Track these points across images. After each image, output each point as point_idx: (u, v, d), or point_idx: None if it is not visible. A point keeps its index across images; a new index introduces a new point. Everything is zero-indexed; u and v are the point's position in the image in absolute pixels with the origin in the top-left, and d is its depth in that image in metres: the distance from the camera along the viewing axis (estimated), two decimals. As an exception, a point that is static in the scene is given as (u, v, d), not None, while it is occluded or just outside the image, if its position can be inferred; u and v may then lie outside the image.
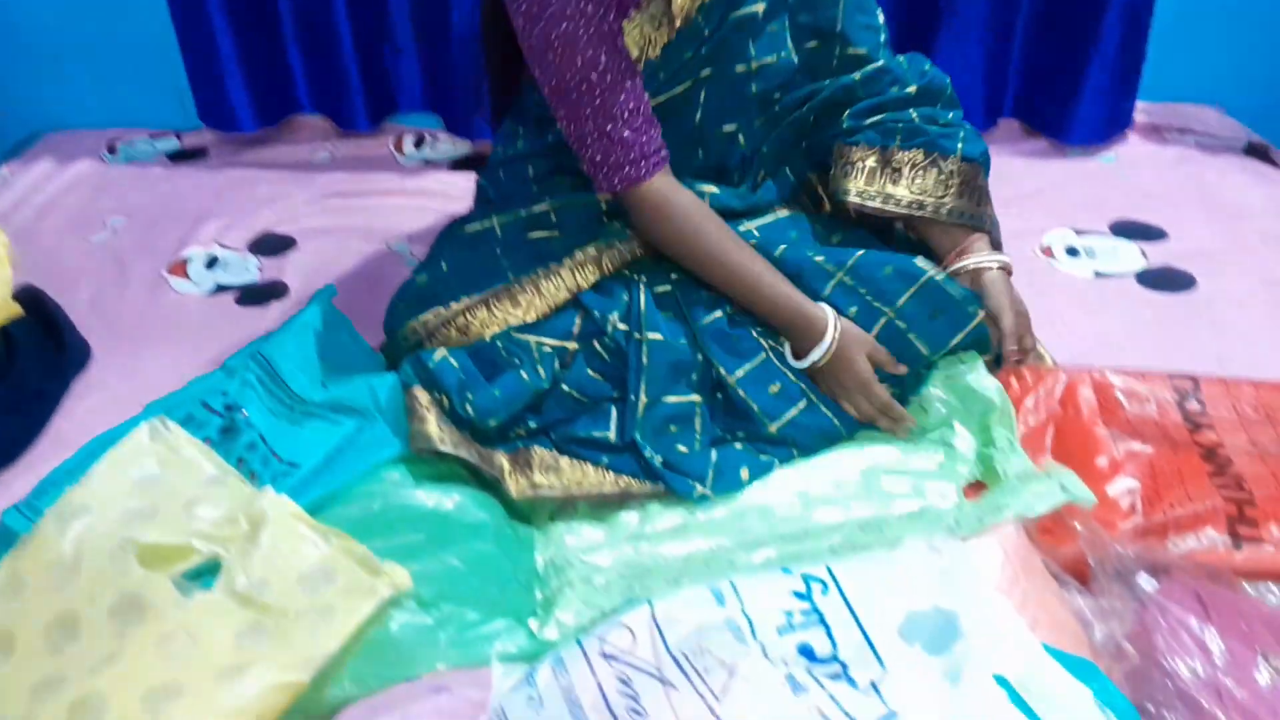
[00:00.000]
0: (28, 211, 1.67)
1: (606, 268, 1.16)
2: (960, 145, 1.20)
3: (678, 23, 1.12)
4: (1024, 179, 1.67)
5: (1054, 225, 1.54)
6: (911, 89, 1.22)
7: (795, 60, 1.20)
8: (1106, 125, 1.73)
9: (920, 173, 1.20)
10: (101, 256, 1.56)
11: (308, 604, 0.85)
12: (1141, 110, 1.80)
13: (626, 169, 1.09)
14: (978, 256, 1.18)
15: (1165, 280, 1.42)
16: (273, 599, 0.85)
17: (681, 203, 1.12)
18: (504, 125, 1.34)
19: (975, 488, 1.07)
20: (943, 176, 1.19)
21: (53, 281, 1.45)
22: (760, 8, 1.16)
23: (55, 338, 1.30)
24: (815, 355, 1.11)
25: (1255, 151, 1.73)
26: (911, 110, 1.21)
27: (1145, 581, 0.84)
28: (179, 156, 1.85)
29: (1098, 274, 1.43)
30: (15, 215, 1.66)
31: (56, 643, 0.84)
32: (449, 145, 1.85)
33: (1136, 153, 1.75)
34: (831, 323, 1.11)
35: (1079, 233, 1.53)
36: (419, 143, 1.84)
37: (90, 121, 1.92)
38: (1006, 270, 1.19)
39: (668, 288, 1.16)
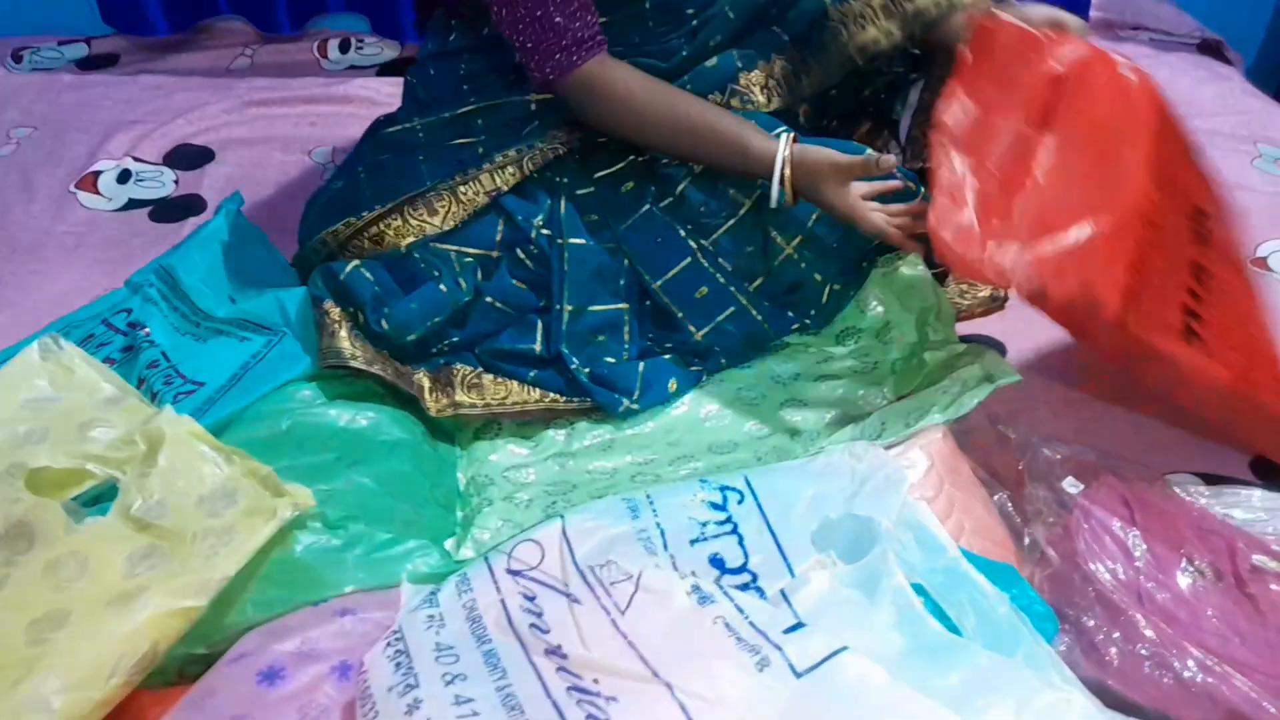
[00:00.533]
0: (-77, 124, 1.58)
1: (527, 168, 1.09)
2: None
3: None
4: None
5: (1001, 126, 1.49)
6: None
7: None
8: (1059, 20, 1.67)
9: None
10: (4, 169, 1.48)
11: (206, 527, 0.81)
12: (1096, 5, 1.74)
13: (558, 55, 1.03)
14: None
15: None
16: (169, 522, 0.81)
17: (617, 79, 1.04)
18: (435, 18, 1.26)
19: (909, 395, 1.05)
20: None
21: (-49, 197, 1.39)
22: None
23: (-49, 256, 1.23)
24: (773, 195, 1.02)
25: (1208, 49, 1.68)
26: None
27: (1070, 485, 0.82)
28: (89, 64, 1.75)
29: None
30: (-89, 128, 1.56)
31: (-59, 573, 0.80)
32: (376, 49, 1.76)
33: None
34: (779, 156, 1.00)
35: (1026, 133, 1.48)
36: (344, 46, 1.76)
37: (-9, 28, 1.81)
38: None
39: (590, 189, 1.10)
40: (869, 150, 1.03)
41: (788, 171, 1.00)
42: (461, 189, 1.09)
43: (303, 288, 1.07)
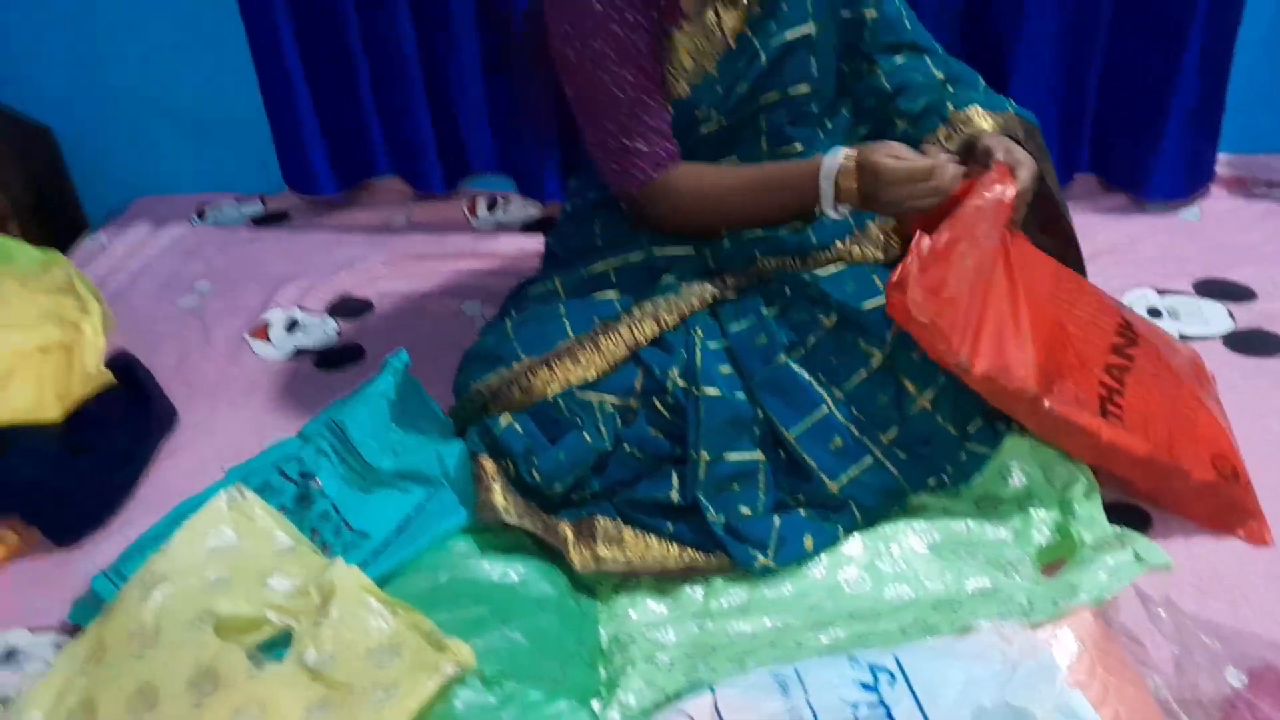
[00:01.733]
0: (123, 276, 1.75)
1: (664, 322, 1.17)
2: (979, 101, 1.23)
3: (730, 38, 1.18)
4: (1102, 236, 1.63)
5: (1135, 284, 1.50)
6: (939, 75, 1.25)
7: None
8: (1187, 179, 1.68)
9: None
10: (188, 320, 1.62)
11: (374, 680, 0.86)
12: (1224, 163, 1.74)
13: (638, 175, 1.17)
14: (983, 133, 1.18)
15: (1255, 343, 1.37)
16: (340, 674, 0.87)
17: (684, 173, 1.18)
18: (572, 183, 1.37)
19: (1054, 565, 1.04)
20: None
21: (142, 345, 1.52)
22: (811, 29, 1.19)
23: (145, 403, 1.35)
24: (825, 195, 1.12)
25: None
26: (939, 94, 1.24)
27: (1233, 676, 0.80)
28: (263, 220, 1.92)
29: (1182, 336, 1.39)
30: (112, 279, 1.74)
31: (137, 712, 0.86)
32: (520, 208, 1.88)
33: (1220, 207, 1.70)
34: (827, 159, 1.12)
35: (1161, 292, 1.48)
36: (491, 205, 1.88)
37: (182, 186, 2.01)
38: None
39: (724, 342, 1.16)
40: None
41: (850, 164, 1.10)
42: (602, 340, 1.16)
43: (459, 441, 1.14)
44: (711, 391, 1.10)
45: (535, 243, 1.73)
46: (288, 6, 1.71)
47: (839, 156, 1.12)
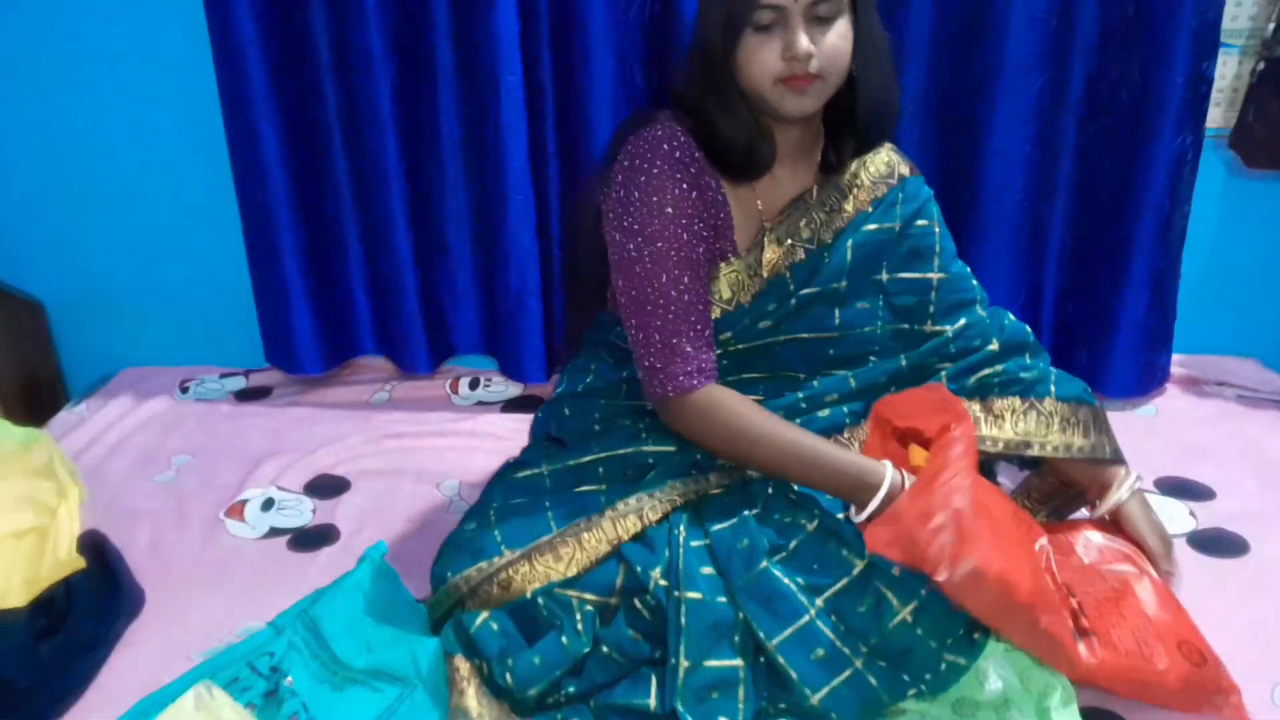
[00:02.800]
0: (99, 450, 1.74)
1: (647, 519, 1.18)
2: (1053, 387, 1.30)
3: (766, 274, 1.24)
4: (1064, 432, 1.68)
5: (1098, 482, 1.54)
6: (994, 346, 1.32)
7: (888, 331, 1.32)
8: (1142, 380, 1.76)
9: (1020, 417, 1.28)
10: (163, 497, 1.61)
11: None
12: (1179, 363, 1.83)
13: (680, 378, 1.19)
14: (1116, 493, 1.27)
15: (1217, 544, 1.40)
16: None
17: (726, 401, 1.20)
18: (575, 361, 1.40)
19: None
20: (1042, 418, 1.28)
21: (116, 521, 1.51)
22: (842, 284, 1.28)
23: (113, 585, 1.33)
24: (871, 507, 1.14)
25: (1295, 405, 1.74)
26: (999, 364, 1.31)
27: None
28: (245, 395, 1.94)
29: (1146, 535, 1.42)
30: (87, 454, 1.73)
31: None
32: (502, 386, 1.92)
33: (1176, 406, 1.77)
34: (887, 477, 1.14)
35: (1129, 490, 1.52)
36: (474, 384, 1.92)
37: (168, 359, 2.04)
38: (1140, 497, 1.28)
39: (705, 541, 1.16)
40: None
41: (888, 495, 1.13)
42: (585, 535, 1.17)
43: (434, 639, 1.13)
44: (693, 595, 1.11)
45: (516, 421, 1.76)
46: (282, 191, 1.78)
47: (887, 481, 1.15)
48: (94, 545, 1.39)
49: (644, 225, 1.16)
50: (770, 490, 1.20)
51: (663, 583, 1.13)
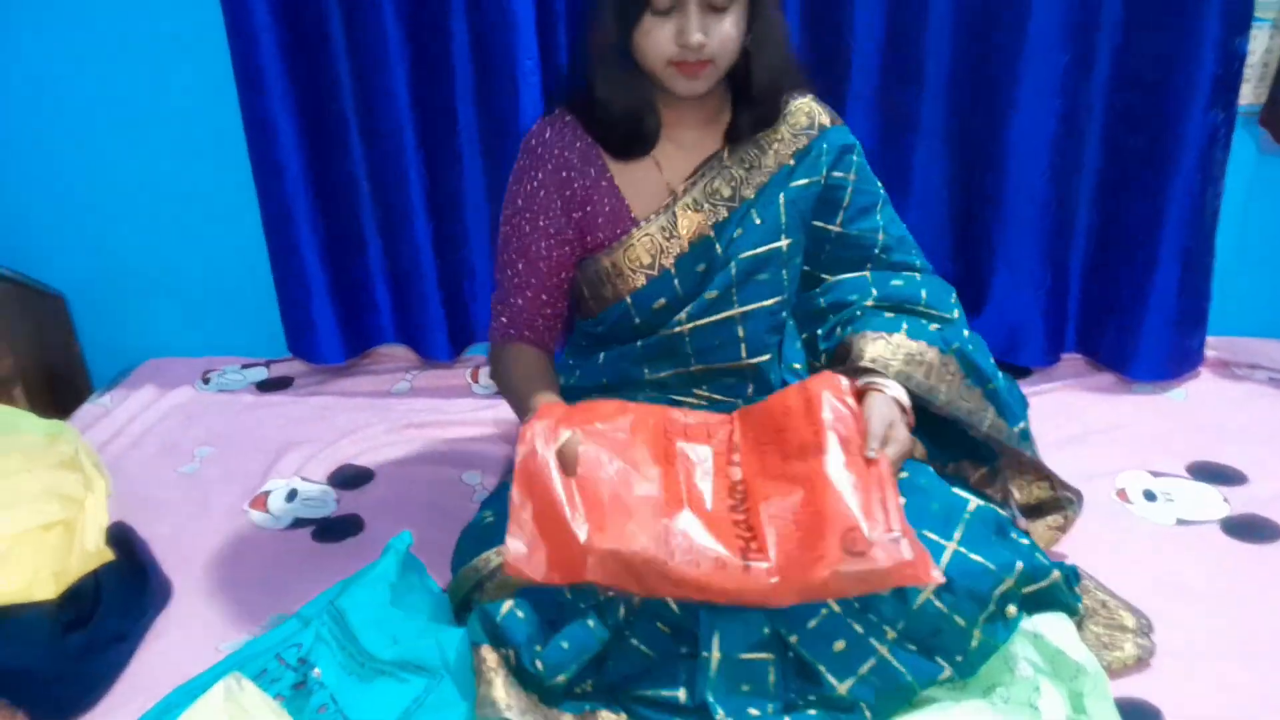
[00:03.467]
0: (124, 441, 1.75)
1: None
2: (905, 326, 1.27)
3: (686, 238, 1.26)
4: (1092, 415, 1.67)
5: (1128, 466, 1.52)
6: (868, 304, 1.31)
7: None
8: (1174, 362, 1.73)
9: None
10: (187, 488, 1.62)
11: None
12: (1210, 345, 1.80)
13: (494, 328, 1.36)
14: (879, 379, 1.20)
15: (1251, 530, 1.38)
16: None
17: (509, 355, 1.34)
18: (559, 359, 1.40)
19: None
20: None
21: (140, 513, 1.51)
22: (784, 243, 1.28)
23: (140, 577, 1.34)
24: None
25: (1329, 385, 1.71)
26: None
27: None
28: (267, 386, 1.94)
29: (1180, 520, 1.40)
30: (112, 445, 1.74)
31: None
32: (523, 375, 1.91)
33: (1207, 389, 1.74)
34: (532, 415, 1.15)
35: (1155, 475, 1.50)
36: (494, 373, 1.91)
37: (188, 349, 2.04)
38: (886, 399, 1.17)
39: None
40: None
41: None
42: None
43: (460, 629, 1.12)
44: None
45: (536, 412, 1.74)
46: (300, 181, 1.78)
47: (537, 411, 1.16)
48: (121, 537, 1.39)
49: (505, 207, 1.30)
50: None
51: None
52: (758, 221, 1.27)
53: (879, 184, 1.35)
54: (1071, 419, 1.65)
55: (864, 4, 1.61)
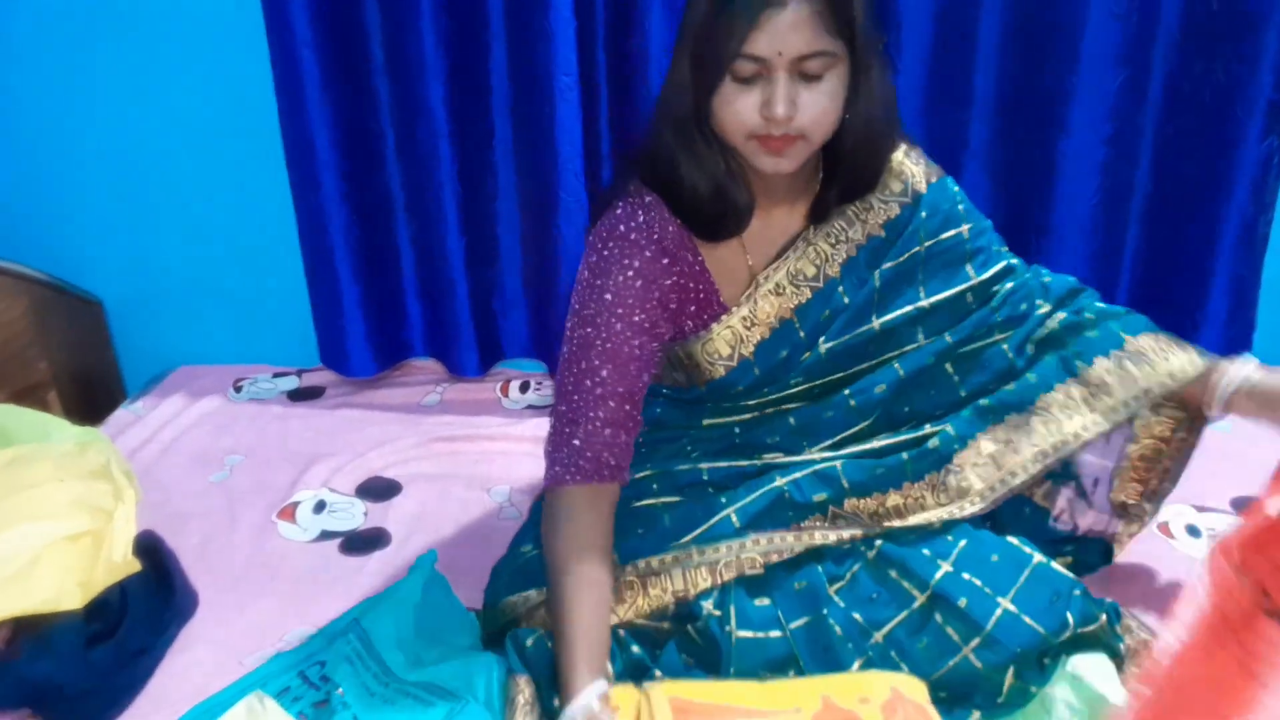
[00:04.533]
0: (155, 448, 1.75)
1: (721, 576, 1.11)
2: (1119, 328, 1.22)
3: (768, 323, 1.17)
4: (1134, 447, 1.62)
5: (1172, 499, 1.46)
6: (1044, 306, 1.25)
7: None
8: (1219, 395, 1.68)
9: (1117, 374, 1.21)
10: (216, 497, 1.61)
11: None
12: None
13: (555, 468, 1.12)
14: (1227, 378, 1.18)
15: (1297, 568, 1.33)
16: None
17: (572, 511, 1.10)
18: None
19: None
20: (1132, 361, 1.20)
21: (169, 521, 1.51)
22: (878, 323, 1.18)
23: (167, 588, 1.33)
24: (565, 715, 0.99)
25: None
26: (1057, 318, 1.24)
27: None
28: (297, 395, 1.94)
29: (1223, 557, 1.36)
30: (143, 451, 1.74)
31: None
32: (552, 389, 1.90)
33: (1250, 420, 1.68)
34: (581, 702, 0.98)
35: (1199, 509, 1.46)
36: (524, 387, 1.90)
37: (221, 357, 2.04)
38: (1254, 364, 1.17)
39: (760, 573, 1.12)
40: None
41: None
42: (651, 582, 1.11)
43: (487, 654, 1.10)
44: (745, 634, 1.07)
45: (566, 430, 1.73)
46: (336, 194, 1.77)
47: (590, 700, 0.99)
48: (149, 547, 1.39)
49: (582, 306, 1.11)
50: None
51: (715, 613, 1.09)
52: (845, 302, 1.17)
53: (984, 220, 1.26)
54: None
55: (910, 22, 1.58)
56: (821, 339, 1.18)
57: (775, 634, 1.08)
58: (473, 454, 1.71)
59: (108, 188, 1.94)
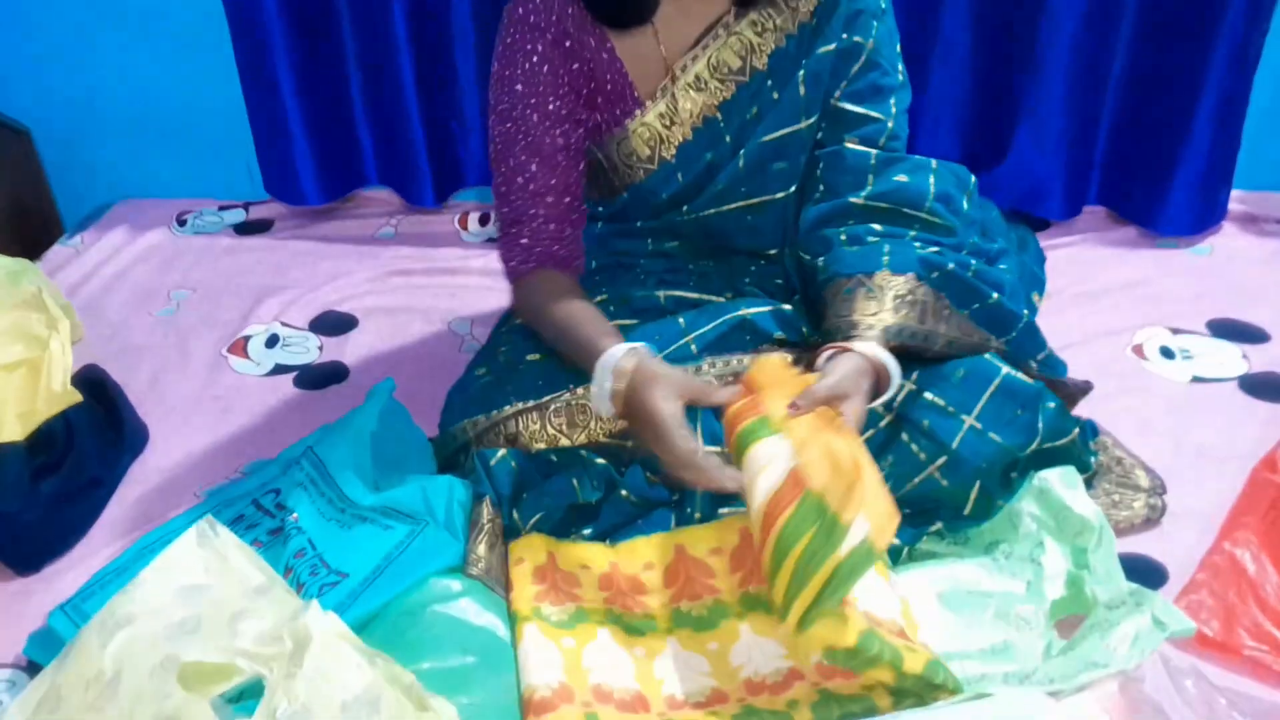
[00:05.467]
0: (96, 284, 1.68)
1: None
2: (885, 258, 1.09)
3: (690, 123, 1.11)
4: (1112, 270, 1.59)
5: (1146, 322, 1.46)
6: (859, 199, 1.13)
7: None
8: (1200, 217, 1.64)
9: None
10: (164, 332, 1.56)
11: (349, 741, 0.80)
12: (1237, 199, 1.71)
13: (512, 263, 1.15)
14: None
15: (1270, 388, 1.32)
16: (313, 732, 0.80)
17: (530, 295, 1.14)
18: None
19: (1068, 622, 1.00)
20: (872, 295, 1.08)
21: (115, 358, 1.46)
22: (805, 124, 1.12)
23: (114, 421, 1.29)
24: (593, 393, 1.01)
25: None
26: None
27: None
28: (245, 229, 1.85)
29: (1196, 378, 1.35)
30: (85, 288, 1.67)
31: (90, 768, 0.80)
32: (514, 222, 1.82)
33: (1233, 245, 1.65)
34: (607, 356, 0.99)
35: (1175, 332, 1.44)
36: (484, 220, 1.83)
37: (162, 191, 1.94)
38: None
39: None
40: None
41: (618, 386, 0.98)
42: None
43: (445, 476, 1.07)
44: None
45: (528, 261, 1.67)
46: (277, 9, 1.65)
47: (617, 359, 0.99)
48: (93, 380, 1.34)
49: (497, 101, 1.10)
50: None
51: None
52: (774, 98, 1.11)
53: (902, 69, 1.16)
54: (1090, 274, 1.57)
55: None
56: (748, 141, 1.12)
57: None
58: (431, 288, 1.65)
59: (30, 7, 1.78)
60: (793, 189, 1.17)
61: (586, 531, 1.06)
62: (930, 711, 0.76)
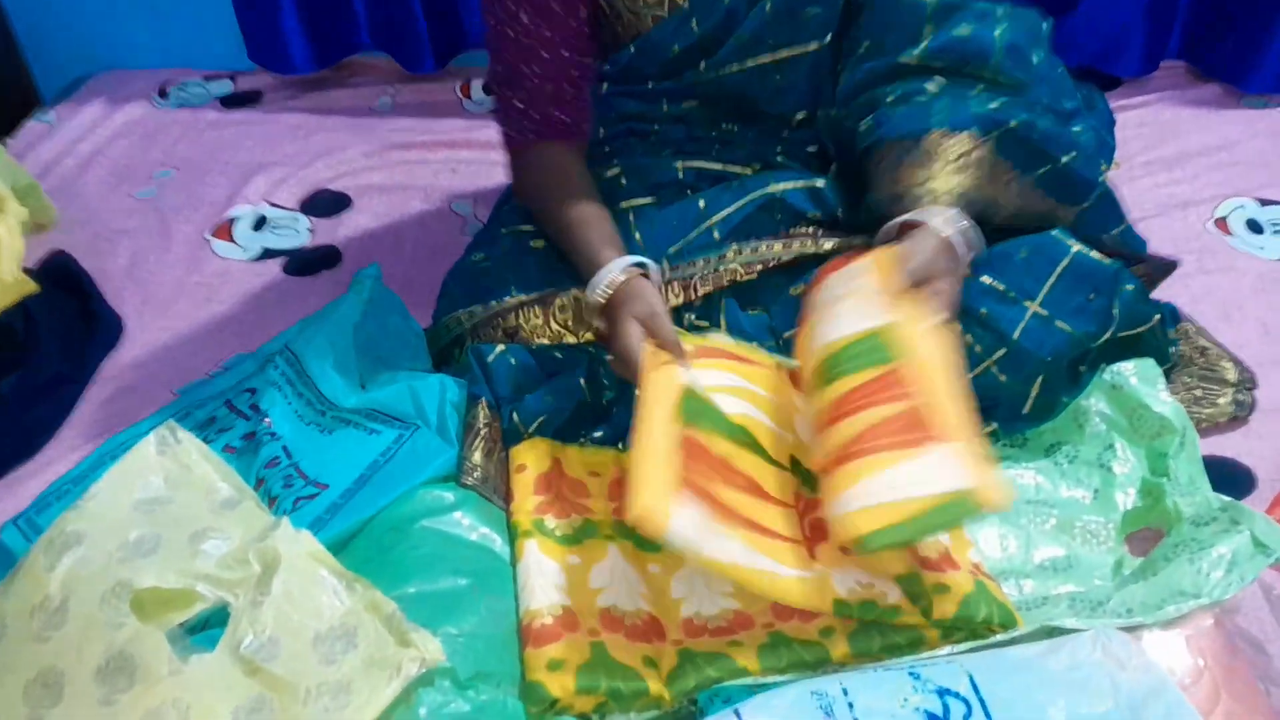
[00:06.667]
0: (71, 163, 1.55)
1: (696, 290, 0.97)
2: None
3: None
4: (1193, 135, 1.42)
5: (1230, 193, 1.30)
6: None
7: None
8: (1292, 73, 1.45)
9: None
10: (145, 213, 1.44)
11: (320, 679, 0.70)
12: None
13: (508, 131, 1.04)
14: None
15: (1366, 262, 1.17)
16: (281, 668, 0.71)
17: (534, 173, 1.04)
18: None
19: (1140, 535, 0.88)
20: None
21: (92, 243, 1.36)
22: None
23: (84, 313, 1.18)
24: (591, 302, 0.91)
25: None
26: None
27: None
28: (232, 101, 1.70)
29: (1285, 255, 1.20)
30: (59, 166, 1.54)
31: (36, 703, 0.72)
32: (521, 89, 1.66)
33: (1330, 105, 1.47)
34: (604, 276, 0.89)
35: (1263, 203, 1.28)
36: (488, 87, 1.66)
37: (142, 61, 1.79)
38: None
39: (753, 278, 0.98)
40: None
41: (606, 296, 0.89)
42: None
43: (437, 375, 0.96)
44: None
45: (537, 131, 1.52)
46: None
47: (614, 274, 0.89)
48: (61, 269, 1.23)
49: None
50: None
51: (700, 325, 0.96)
52: None
53: None
54: (1166, 138, 1.40)
55: None
56: None
57: (769, 345, 0.93)
58: (432, 163, 1.52)
59: None
60: (828, 39, 1.01)
61: (598, 434, 0.95)
62: (982, 657, 0.64)
